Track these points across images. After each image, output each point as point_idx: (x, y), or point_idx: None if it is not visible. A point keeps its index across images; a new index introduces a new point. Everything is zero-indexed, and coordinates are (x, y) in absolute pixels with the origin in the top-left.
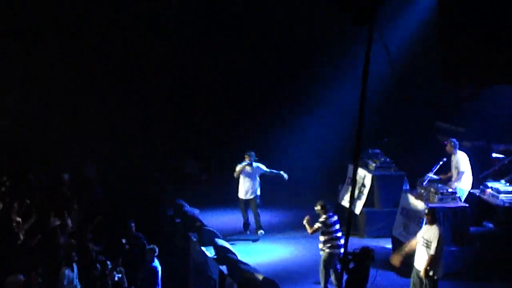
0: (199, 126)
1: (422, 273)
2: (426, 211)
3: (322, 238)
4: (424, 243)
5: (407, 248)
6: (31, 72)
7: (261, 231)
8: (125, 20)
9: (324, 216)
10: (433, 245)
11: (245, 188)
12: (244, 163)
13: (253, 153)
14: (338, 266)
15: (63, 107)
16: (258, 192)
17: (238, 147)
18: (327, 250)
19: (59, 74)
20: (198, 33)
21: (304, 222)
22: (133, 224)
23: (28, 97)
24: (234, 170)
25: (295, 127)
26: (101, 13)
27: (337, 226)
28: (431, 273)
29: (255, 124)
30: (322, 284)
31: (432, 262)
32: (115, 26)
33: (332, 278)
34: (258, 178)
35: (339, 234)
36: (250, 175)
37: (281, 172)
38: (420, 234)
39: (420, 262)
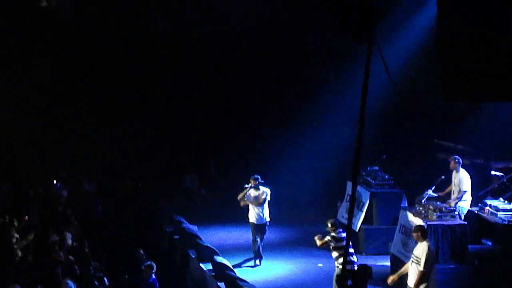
0: (198, 141)
1: None
2: (414, 229)
3: (334, 254)
4: (414, 259)
5: (403, 269)
6: (26, 85)
7: (261, 261)
8: (121, 28)
9: (334, 234)
10: (422, 261)
11: (255, 213)
12: (247, 188)
13: (257, 176)
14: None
15: (61, 122)
16: (268, 218)
17: (237, 162)
18: (340, 266)
19: (55, 88)
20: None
21: (316, 238)
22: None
23: (23, 112)
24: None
25: (294, 144)
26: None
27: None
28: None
29: (255, 139)
30: None
31: (422, 278)
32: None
33: None
34: (266, 203)
35: (352, 250)
36: (257, 199)
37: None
38: (413, 251)
39: (411, 279)
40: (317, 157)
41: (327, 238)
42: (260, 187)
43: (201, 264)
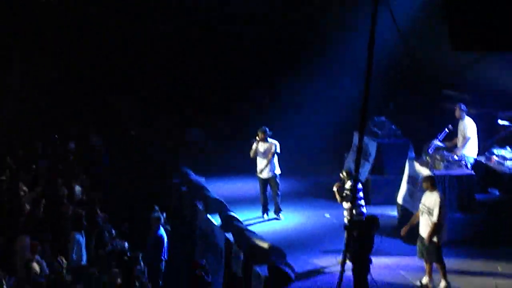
0: (204, 94)
1: (426, 240)
2: (424, 178)
3: (346, 205)
4: (425, 210)
5: (414, 219)
6: (34, 43)
7: (281, 215)
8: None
9: (350, 183)
10: (435, 212)
11: (262, 166)
12: (257, 140)
13: (266, 128)
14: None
15: (69, 79)
16: (277, 171)
17: (243, 114)
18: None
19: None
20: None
21: (334, 188)
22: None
23: (34, 67)
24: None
25: (301, 95)
26: None
27: (361, 194)
28: (434, 239)
29: (261, 91)
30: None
31: (435, 229)
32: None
33: None
34: (275, 156)
35: (363, 202)
36: (266, 152)
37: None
38: (422, 201)
39: (423, 229)
40: (324, 108)
41: (346, 192)
42: (269, 139)
43: (208, 216)
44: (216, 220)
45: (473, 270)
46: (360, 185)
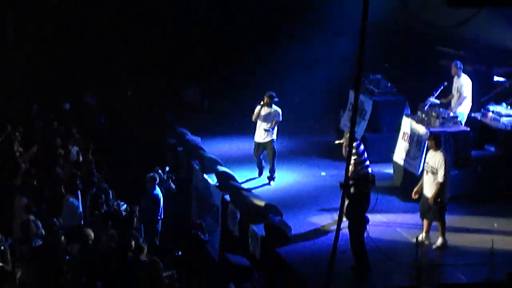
0: (200, 53)
1: (430, 200)
2: (429, 137)
3: (351, 167)
4: (429, 169)
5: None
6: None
7: (273, 182)
8: None
9: (354, 144)
10: (440, 172)
11: (260, 131)
12: (261, 104)
13: (273, 93)
14: None
15: (64, 39)
16: (275, 136)
17: (239, 73)
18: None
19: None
20: None
21: (337, 142)
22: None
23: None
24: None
25: (296, 53)
26: None
27: (366, 155)
28: (439, 200)
29: (256, 49)
30: None
31: (440, 188)
32: None
33: None
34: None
35: (368, 163)
36: (267, 118)
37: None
38: (426, 160)
39: (427, 188)
40: (319, 66)
41: (353, 158)
42: (273, 105)
43: (205, 175)
44: (212, 179)
45: (469, 227)
46: (362, 146)
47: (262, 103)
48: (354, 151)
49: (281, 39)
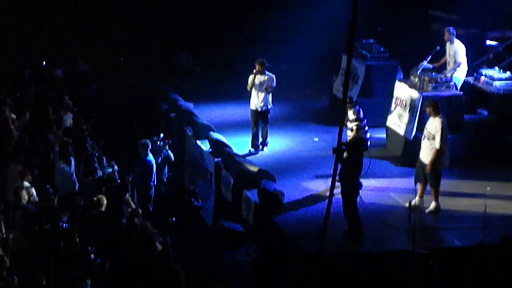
0: (192, 19)
1: (428, 167)
2: (427, 103)
3: (350, 133)
4: (427, 135)
5: None
6: None
7: (266, 148)
8: None
9: (354, 110)
10: (437, 138)
11: (256, 99)
12: (253, 73)
13: (263, 60)
14: None
15: (55, 7)
16: (270, 105)
17: (232, 39)
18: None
19: None
20: None
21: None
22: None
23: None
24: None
25: (288, 18)
26: None
27: (366, 120)
28: (435, 166)
29: (248, 15)
30: None
31: (437, 155)
32: None
33: None
34: (272, 87)
35: (366, 128)
36: (261, 85)
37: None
38: (426, 125)
39: (424, 154)
40: (311, 31)
41: (354, 125)
42: (266, 72)
43: (198, 141)
44: (205, 145)
45: (462, 191)
46: (362, 112)
47: (254, 71)
48: (355, 116)
49: (273, 5)
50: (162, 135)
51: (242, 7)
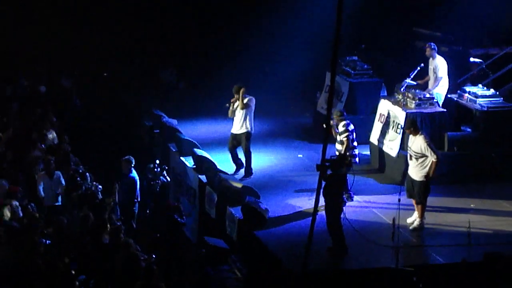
0: (177, 35)
1: (430, 173)
2: (406, 125)
3: (340, 147)
4: (413, 153)
5: None
6: None
7: (249, 177)
8: None
9: (344, 123)
10: (430, 153)
11: (236, 122)
12: (232, 101)
13: (240, 84)
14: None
15: (38, 20)
16: (250, 128)
17: (216, 55)
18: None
19: None
20: None
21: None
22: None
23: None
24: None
25: (273, 35)
26: None
27: (354, 135)
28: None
29: (230, 32)
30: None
31: (437, 166)
32: None
33: None
34: (251, 113)
35: (356, 144)
36: (242, 109)
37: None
38: (408, 144)
39: (412, 171)
40: (295, 48)
41: (345, 136)
42: (247, 97)
43: (181, 158)
44: (189, 162)
45: (446, 207)
46: (352, 126)
47: (232, 100)
48: (343, 128)
49: (258, 21)
50: (158, 161)
51: (226, 24)
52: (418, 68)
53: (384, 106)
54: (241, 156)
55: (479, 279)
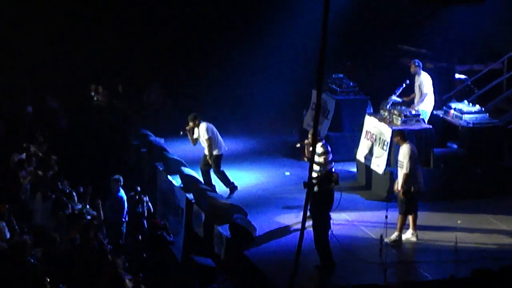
0: (163, 53)
1: (399, 193)
2: (394, 135)
3: (318, 167)
4: (399, 163)
5: None
6: None
7: (234, 191)
8: None
9: (322, 144)
10: (405, 164)
11: (205, 150)
12: (187, 129)
13: (194, 114)
14: None
15: (24, 39)
16: (216, 150)
17: (203, 74)
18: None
19: (18, 7)
20: None
21: (298, 145)
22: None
23: None
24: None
25: (258, 54)
26: None
27: (331, 155)
28: (406, 189)
29: (217, 51)
30: None
31: (407, 179)
32: None
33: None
34: (215, 138)
35: (333, 163)
36: (200, 137)
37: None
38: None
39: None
40: (281, 66)
41: (322, 158)
42: (201, 124)
43: (169, 177)
44: (176, 180)
45: (433, 224)
46: (329, 147)
47: (187, 127)
48: (323, 149)
49: (243, 40)
50: (139, 188)
51: (213, 41)
52: (404, 85)
53: (370, 123)
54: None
55: None
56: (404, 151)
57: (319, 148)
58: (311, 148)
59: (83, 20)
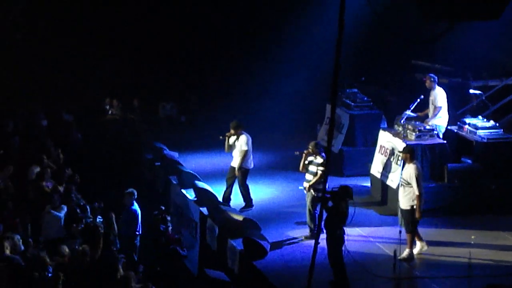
0: (178, 69)
1: (417, 214)
2: (404, 149)
3: (311, 177)
4: (403, 182)
5: None
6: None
7: (249, 208)
8: None
9: (321, 156)
10: (415, 185)
11: (235, 156)
12: (227, 135)
13: (238, 121)
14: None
15: (41, 55)
16: (247, 166)
17: (216, 88)
18: (314, 193)
19: (34, 21)
20: None
21: (297, 153)
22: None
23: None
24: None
25: (273, 68)
26: None
27: None
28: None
29: (232, 65)
30: (312, 226)
31: (421, 200)
32: None
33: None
34: (249, 151)
35: None
36: (236, 146)
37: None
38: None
39: (401, 200)
40: (296, 81)
41: (320, 169)
42: (243, 133)
43: (182, 190)
44: (190, 194)
45: (446, 239)
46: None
47: (227, 134)
48: (322, 160)
49: (258, 55)
50: (163, 207)
51: (226, 56)
52: (418, 100)
53: (385, 138)
54: (236, 189)
55: None
56: (411, 171)
57: (319, 159)
58: (306, 161)
59: (100, 34)
